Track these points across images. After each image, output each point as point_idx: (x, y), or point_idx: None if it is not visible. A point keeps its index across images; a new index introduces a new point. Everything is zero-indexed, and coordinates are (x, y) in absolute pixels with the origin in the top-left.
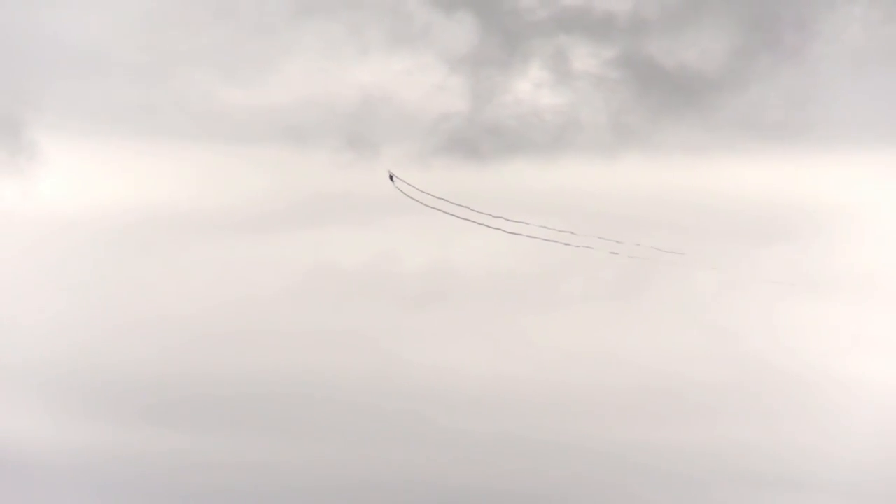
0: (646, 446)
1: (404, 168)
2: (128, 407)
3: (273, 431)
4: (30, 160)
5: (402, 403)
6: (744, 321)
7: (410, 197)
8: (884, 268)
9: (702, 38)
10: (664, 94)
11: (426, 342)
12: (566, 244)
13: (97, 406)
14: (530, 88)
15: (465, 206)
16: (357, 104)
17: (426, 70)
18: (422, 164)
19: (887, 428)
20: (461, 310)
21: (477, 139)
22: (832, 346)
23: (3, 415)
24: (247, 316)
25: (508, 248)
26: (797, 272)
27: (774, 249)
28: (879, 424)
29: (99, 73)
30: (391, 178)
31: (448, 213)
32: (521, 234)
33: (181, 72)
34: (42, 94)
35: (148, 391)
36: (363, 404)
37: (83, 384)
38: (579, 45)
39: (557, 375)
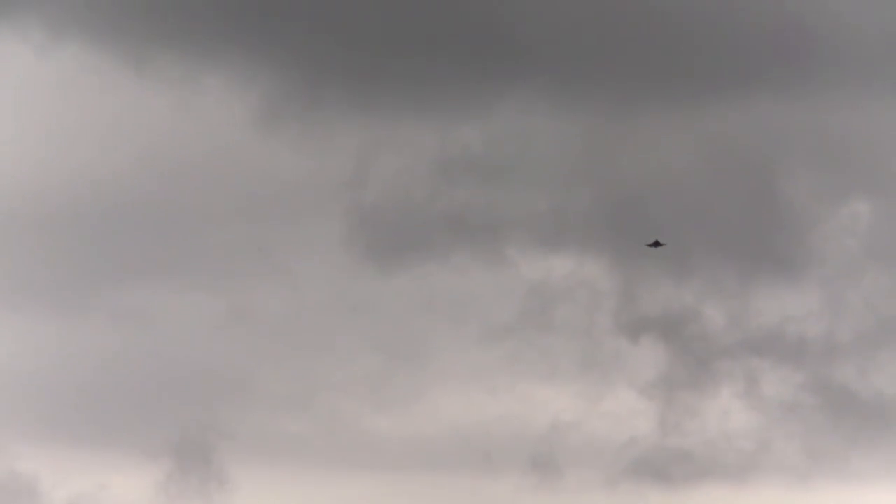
0: None
1: (590, 492)
2: None
3: None
4: (219, 487)
5: None
6: None
7: None
8: None
9: None
10: (859, 420)
11: None
12: None
13: None
14: (720, 412)
15: None
16: (545, 428)
17: (615, 394)
18: (609, 488)
19: None
20: None
21: (665, 463)
22: None
23: None
24: None
25: None
26: None
27: None
28: None
29: (254, 400)
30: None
31: None
32: None
33: (331, 400)
34: (213, 423)
35: None
36: None
37: None
38: (770, 369)
39: None
